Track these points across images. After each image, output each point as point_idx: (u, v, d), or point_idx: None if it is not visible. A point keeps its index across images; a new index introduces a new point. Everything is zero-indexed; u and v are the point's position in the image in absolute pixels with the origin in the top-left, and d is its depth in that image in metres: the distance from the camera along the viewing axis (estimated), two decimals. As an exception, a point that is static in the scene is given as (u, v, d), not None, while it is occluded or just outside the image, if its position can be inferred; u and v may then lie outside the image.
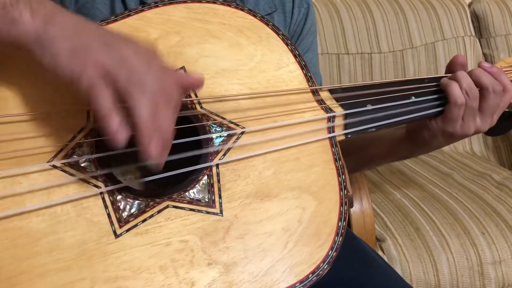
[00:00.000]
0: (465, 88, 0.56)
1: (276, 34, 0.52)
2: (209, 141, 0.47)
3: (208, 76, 0.49)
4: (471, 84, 0.56)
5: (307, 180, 0.47)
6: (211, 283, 0.42)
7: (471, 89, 0.56)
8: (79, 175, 0.42)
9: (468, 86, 0.56)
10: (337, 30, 1.34)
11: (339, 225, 0.46)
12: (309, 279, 0.43)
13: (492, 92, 0.56)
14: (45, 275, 0.39)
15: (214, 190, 0.45)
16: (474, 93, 0.56)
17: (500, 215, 1.01)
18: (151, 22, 0.49)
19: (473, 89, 0.56)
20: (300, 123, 0.50)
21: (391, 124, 0.53)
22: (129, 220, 0.42)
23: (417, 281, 0.91)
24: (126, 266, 0.41)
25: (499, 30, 1.47)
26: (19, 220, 0.40)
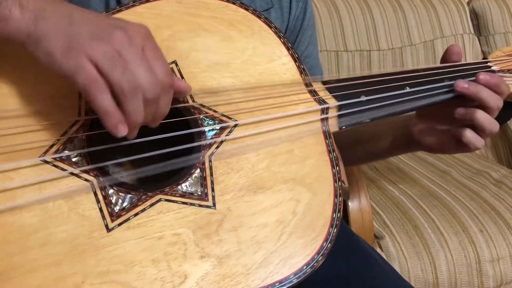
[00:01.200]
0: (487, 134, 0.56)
1: (268, 27, 0.52)
2: (202, 134, 0.47)
3: (200, 69, 0.49)
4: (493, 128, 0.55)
5: (301, 172, 0.47)
6: (204, 276, 0.41)
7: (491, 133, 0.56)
8: (70, 170, 0.42)
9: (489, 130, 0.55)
10: (336, 27, 1.35)
11: (334, 217, 0.45)
12: (303, 271, 0.43)
13: (497, 110, 0.56)
14: (37, 270, 0.39)
15: (206, 183, 0.45)
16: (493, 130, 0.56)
17: (498, 212, 1.00)
18: (142, 16, 0.49)
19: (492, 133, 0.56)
20: (293, 115, 0.49)
21: (385, 115, 0.53)
22: (121, 214, 0.42)
23: (415, 278, 0.91)
24: (118, 260, 0.40)
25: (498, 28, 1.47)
26: (11, 215, 0.40)
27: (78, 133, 0.43)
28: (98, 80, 0.36)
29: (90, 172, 0.43)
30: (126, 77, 0.37)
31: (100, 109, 0.37)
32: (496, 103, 0.55)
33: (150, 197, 0.43)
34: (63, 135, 0.43)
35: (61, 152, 0.42)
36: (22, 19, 0.37)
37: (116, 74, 0.36)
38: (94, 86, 0.36)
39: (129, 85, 0.37)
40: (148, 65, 0.38)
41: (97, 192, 0.42)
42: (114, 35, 0.38)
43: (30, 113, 0.42)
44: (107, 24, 0.39)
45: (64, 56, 0.37)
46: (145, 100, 0.38)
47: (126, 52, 0.37)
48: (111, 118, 0.37)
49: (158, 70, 0.39)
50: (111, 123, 0.37)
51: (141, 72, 0.37)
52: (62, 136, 0.43)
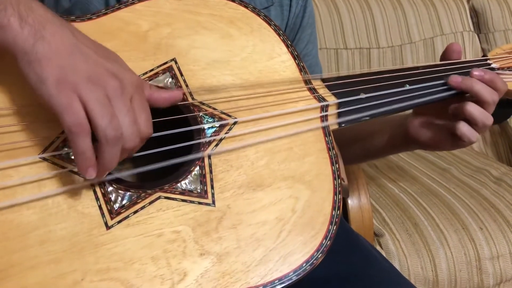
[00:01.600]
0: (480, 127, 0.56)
1: (268, 25, 0.52)
2: (201, 131, 0.47)
3: (200, 67, 0.49)
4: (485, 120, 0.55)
5: (300, 169, 0.47)
6: (204, 273, 0.41)
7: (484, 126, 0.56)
8: (70, 168, 0.42)
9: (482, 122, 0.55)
10: (335, 25, 1.34)
11: (333, 214, 0.45)
12: (302, 268, 0.43)
13: (492, 104, 0.56)
14: (36, 267, 0.39)
15: (206, 181, 0.45)
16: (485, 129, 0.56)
17: (498, 210, 1.00)
18: (142, 14, 0.49)
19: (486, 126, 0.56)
20: (293, 113, 0.49)
21: (385, 113, 0.53)
22: (120, 211, 0.42)
23: (415, 276, 0.91)
24: (118, 257, 0.40)
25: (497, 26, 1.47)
26: (10, 213, 0.40)
27: None
28: (83, 124, 0.37)
29: None
30: (112, 126, 0.38)
31: (77, 150, 0.38)
32: (491, 96, 0.55)
33: (149, 195, 0.43)
34: (63, 132, 0.43)
35: (60, 149, 0.42)
36: (20, 32, 0.37)
37: (104, 122, 0.37)
38: (78, 128, 0.37)
39: (113, 134, 0.38)
40: (134, 116, 0.39)
41: (96, 190, 0.42)
42: (109, 82, 0.39)
43: (28, 110, 0.42)
44: (104, 67, 0.39)
45: (56, 88, 0.37)
46: (125, 149, 0.40)
47: (116, 101, 0.38)
48: (85, 162, 0.38)
49: (141, 122, 0.40)
50: (84, 165, 0.39)
51: (126, 122, 0.39)
52: (62, 133, 0.43)
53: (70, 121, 0.37)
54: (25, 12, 0.37)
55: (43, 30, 0.38)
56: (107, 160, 0.39)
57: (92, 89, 0.37)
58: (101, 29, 0.47)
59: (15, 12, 0.37)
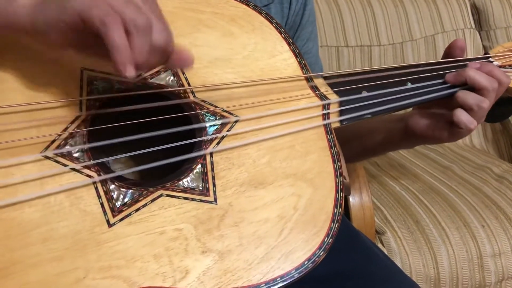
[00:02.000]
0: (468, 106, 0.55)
1: (269, 23, 0.52)
2: (203, 129, 0.47)
3: (201, 65, 0.49)
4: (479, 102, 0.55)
5: (302, 167, 0.47)
6: (206, 271, 0.41)
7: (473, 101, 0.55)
8: (72, 166, 0.42)
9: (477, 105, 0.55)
10: (336, 22, 1.34)
11: (335, 212, 0.45)
12: (304, 266, 0.43)
13: (491, 90, 0.56)
14: (38, 265, 0.39)
15: (208, 179, 0.45)
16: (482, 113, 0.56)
17: (500, 207, 1.00)
18: (144, 12, 0.49)
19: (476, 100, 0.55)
20: (295, 111, 0.49)
21: (387, 111, 0.53)
22: (122, 209, 0.42)
23: (416, 273, 0.91)
24: (120, 255, 0.40)
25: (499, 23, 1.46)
26: (12, 210, 0.40)
27: (79, 129, 0.43)
28: (114, 14, 0.36)
29: (91, 168, 0.43)
30: (140, 14, 0.36)
31: (114, 43, 0.36)
32: (489, 83, 0.55)
33: (151, 193, 0.43)
34: (65, 130, 0.43)
35: (62, 147, 0.42)
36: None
37: (130, 11, 0.36)
38: (111, 20, 0.36)
39: (143, 21, 0.36)
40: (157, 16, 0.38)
41: (98, 188, 0.42)
42: None
43: (31, 108, 0.42)
44: None
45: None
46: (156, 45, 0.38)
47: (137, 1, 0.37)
48: (124, 55, 0.36)
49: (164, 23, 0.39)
50: (121, 60, 0.36)
51: (153, 17, 0.37)
52: (64, 131, 0.43)
53: (100, 14, 0.36)
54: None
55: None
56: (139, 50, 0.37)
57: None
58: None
59: None
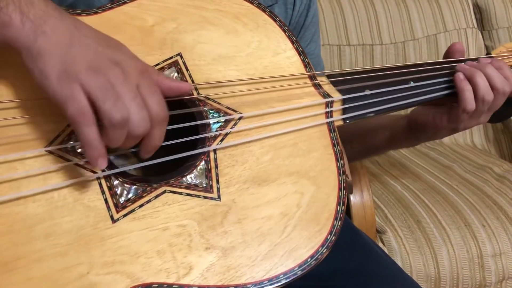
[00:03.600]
0: (481, 96, 0.55)
1: (273, 21, 0.52)
2: (207, 126, 0.47)
3: (205, 62, 0.49)
4: (487, 89, 0.54)
5: (305, 165, 0.47)
6: (209, 267, 0.41)
7: (486, 94, 0.55)
8: (75, 161, 0.42)
9: (484, 91, 0.54)
10: (338, 21, 1.34)
11: (338, 210, 0.46)
12: (307, 263, 0.43)
13: (502, 94, 0.56)
14: (42, 260, 0.39)
15: (211, 175, 0.45)
16: (488, 99, 0.55)
17: (500, 207, 1.00)
18: (147, 9, 0.49)
19: (488, 95, 0.55)
20: (298, 109, 0.49)
21: (389, 109, 0.53)
22: (126, 205, 0.42)
23: (417, 273, 0.91)
24: (123, 251, 0.41)
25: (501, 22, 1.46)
26: (16, 205, 0.40)
27: None
28: (87, 113, 0.36)
29: None
30: (117, 108, 0.37)
31: (84, 140, 0.37)
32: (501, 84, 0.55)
33: (155, 189, 0.43)
34: (68, 126, 0.43)
35: (66, 143, 0.42)
36: (22, 29, 0.37)
37: (107, 104, 0.37)
38: (82, 118, 0.36)
39: (118, 116, 0.37)
40: (141, 102, 0.38)
41: (102, 183, 0.42)
42: (110, 70, 0.38)
43: (35, 103, 0.42)
44: (105, 56, 0.39)
45: (58, 81, 0.37)
46: (130, 134, 0.38)
47: (120, 87, 0.37)
48: (94, 151, 0.38)
49: (152, 105, 0.39)
50: (92, 156, 0.38)
51: (133, 107, 0.38)
52: (67, 127, 0.43)
53: (73, 111, 0.36)
54: (26, 7, 0.37)
55: (44, 24, 0.37)
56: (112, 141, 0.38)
57: (93, 77, 0.37)
58: (106, 24, 0.47)
59: (16, 8, 0.37)
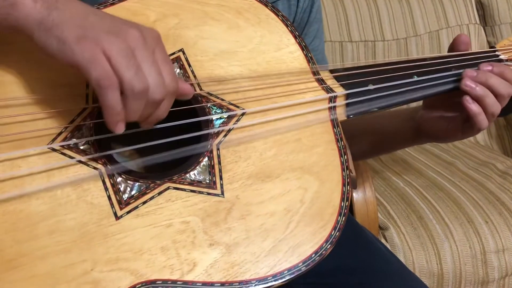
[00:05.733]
0: (491, 113, 0.55)
1: (275, 15, 0.52)
2: (209, 122, 0.47)
3: (208, 58, 0.49)
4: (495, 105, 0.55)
5: (308, 160, 0.47)
6: (213, 263, 0.41)
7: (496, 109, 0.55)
8: (78, 158, 0.42)
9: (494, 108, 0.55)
10: (340, 17, 1.34)
11: (342, 205, 0.45)
12: (312, 259, 0.43)
13: (507, 96, 0.56)
14: (46, 257, 0.39)
15: (215, 172, 0.45)
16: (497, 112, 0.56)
17: (503, 203, 1.00)
18: (149, 4, 0.49)
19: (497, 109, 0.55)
20: (301, 104, 0.49)
21: (393, 104, 0.52)
22: (129, 202, 0.42)
23: (420, 269, 0.91)
24: (127, 247, 0.40)
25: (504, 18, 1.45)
26: (19, 203, 0.40)
27: (85, 121, 0.43)
28: (112, 77, 0.36)
29: (98, 160, 0.43)
30: (138, 78, 0.37)
31: (108, 104, 0.37)
32: (505, 90, 0.55)
33: (158, 185, 0.43)
34: (71, 123, 0.43)
35: (69, 140, 0.42)
36: (33, 7, 0.37)
37: (129, 74, 0.36)
38: (107, 82, 0.36)
39: (139, 86, 0.37)
40: (158, 68, 0.38)
41: (105, 180, 0.42)
42: (130, 33, 0.38)
43: (37, 101, 0.42)
44: (122, 22, 0.39)
45: (78, 44, 0.36)
46: (148, 101, 0.38)
47: (139, 52, 0.37)
48: (115, 116, 0.38)
49: (166, 74, 0.39)
50: (113, 120, 0.38)
51: (152, 74, 0.38)
52: (70, 124, 0.43)
53: (98, 75, 0.36)
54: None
55: (55, 2, 0.37)
56: (132, 113, 0.38)
57: (113, 40, 0.37)
58: (108, 20, 0.47)
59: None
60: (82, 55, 0.36)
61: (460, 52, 0.59)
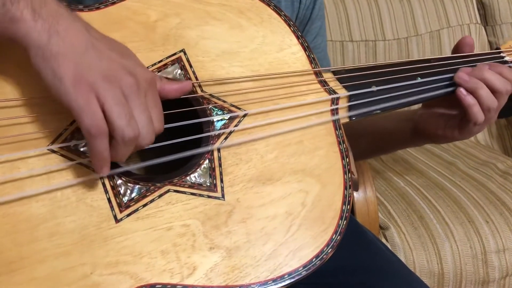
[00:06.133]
0: (486, 107, 0.55)
1: (278, 15, 0.51)
2: (210, 124, 0.46)
3: (209, 58, 0.48)
4: (490, 98, 0.55)
5: (310, 163, 0.46)
6: (213, 267, 0.41)
7: (491, 103, 0.55)
8: (78, 160, 0.42)
9: (489, 102, 0.54)
10: (341, 17, 1.33)
11: (343, 209, 0.45)
12: (312, 263, 0.43)
13: (505, 93, 0.55)
14: (46, 260, 0.39)
15: (215, 174, 0.44)
16: (493, 107, 0.55)
17: (504, 203, 1.00)
18: (150, 4, 0.49)
19: (493, 103, 0.55)
20: (303, 105, 0.49)
21: (396, 106, 0.52)
22: (129, 204, 0.42)
23: (420, 269, 0.90)
24: (127, 251, 0.40)
25: (505, 18, 1.45)
26: (19, 205, 0.39)
27: None
28: (102, 126, 0.37)
29: None
30: (130, 127, 0.38)
31: (94, 151, 0.38)
32: (503, 86, 0.55)
33: (158, 188, 0.43)
34: (71, 124, 0.42)
35: (69, 141, 0.42)
36: (34, 26, 0.36)
37: (122, 123, 0.37)
38: (97, 131, 0.37)
39: (131, 135, 0.38)
40: (149, 114, 0.40)
41: (106, 183, 0.42)
42: (125, 80, 0.38)
43: (37, 102, 0.42)
44: (119, 64, 0.39)
45: (73, 87, 0.36)
46: (137, 147, 0.40)
47: (132, 99, 0.38)
48: (102, 162, 0.39)
49: (155, 119, 0.40)
50: (100, 165, 0.39)
51: (143, 121, 0.39)
52: (70, 125, 0.42)
53: (89, 123, 0.36)
54: (38, 5, 0.37)
55: (56, 24, 0.37)
56: (120, 157, 0.39)
57: (108, 88, 0.37)
58: (109, 19, 0.47)
59: (28, 5, 0.36)
60: (76, 101, 0.36)
61: (465, 54, 0.58)
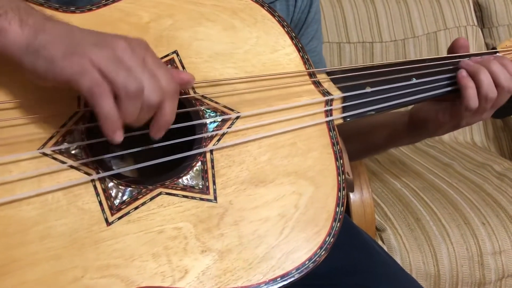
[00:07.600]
0: (484, 94, 0.54)
1: (272, 16, 0.51)
2: (203, 126, 0.46)
3: (202, 59, 0.48)
4: (490, 86, 0.53)
5: (303, 165, 0.46)
6: (205, 270, 0.41)
7: (490, 92, 0.54)
8: (70, 163, 0.41)
9: (488, 89, 0.53)
10: (338, 18, 1.33)
11: (337, 211, 0.45)
12: (305, 266, 0.42)
13: (507, 91, 0.55)
14: (36, 263, 0.38)
15: (208, 177, 0.44)
16: (491, 97, 0.54)
17: (500, 205, 1.00)
18: (143, 5, 0.48)
19: (492, 92, 0.54)
20: (297, 107, 0.48)
21: (391, 107, 0.52)
22: (121, 207, 0.41)
23: (416, 271, 0.90)
24: (118, 254, 0.40)
25: (502, 20, 1.45)
26: (10, 208, 0.39)
27: (77, 125, 0.43)
28: (102, 83, 0.36)
29: (90, 165, 0.42)
30: (131, 79, 0.36)
31: (103, 112, 0.36)
32: (507, 81, 0.54)
33: (150, 191, 0.43)
34: (63, 127, 0.42)
35: (60, 144, 0.42)
36: (21, 33, 0.37)
37: (121, 76, 0.36)
38: (99, 90, 0.36)
39: (133, 86, 0.36)
40: (151, 72, 0.38)
41: (97, 185, 0.41)
42: (116, 43, 0.37)
43: (29, 104, 0.41)
44: (108, 35, 0.39)
45: (66, 60, 0.36)
46: (144, 103, 0.38)
47: (129, 60, 0.37)
48: (112, 124, 0.37)
49: (161, 77, 0.38)
50: (111, 128, 0.37)
51: (145, 76, 0.37)
52: (62, 128, 0.42)
53: (88, 83, 0.36)
54: (25, 15, 0.37)
55: (42, 27, 0.37)
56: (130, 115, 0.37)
57: (100, 52, 0.36)
58: (101, 20, 0.46)
59: (15, 16, 0.37)
60: (71, 70, 0.36)
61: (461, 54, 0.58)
